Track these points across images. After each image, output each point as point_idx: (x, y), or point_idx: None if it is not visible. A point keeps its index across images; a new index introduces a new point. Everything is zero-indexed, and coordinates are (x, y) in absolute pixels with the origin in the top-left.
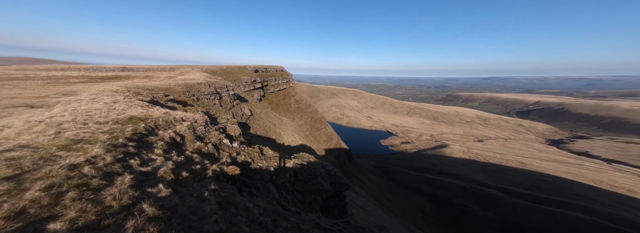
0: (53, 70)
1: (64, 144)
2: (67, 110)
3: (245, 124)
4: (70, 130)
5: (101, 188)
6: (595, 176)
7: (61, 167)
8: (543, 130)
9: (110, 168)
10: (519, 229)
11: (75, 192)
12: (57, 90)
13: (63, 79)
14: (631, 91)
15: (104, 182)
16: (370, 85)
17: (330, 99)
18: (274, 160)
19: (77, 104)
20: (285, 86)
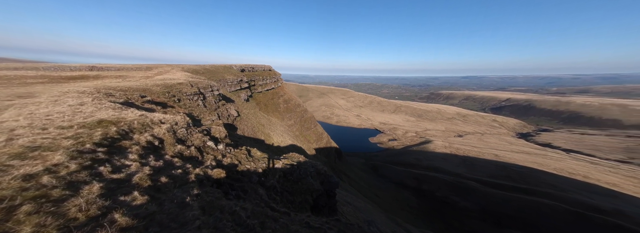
0: (4, 69)
1: (18, 152)
2: (22, 114)
3: (232, 125)
4: (25, 137)
5: (64, 199)
6: (557, 165)
7: (13, 177)
8: (513, 125)
9: (75, 177)
10: (493, 216)
11: (31, 205)
12: (9, 92)
13: (17, 79)
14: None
15: (68, 192)
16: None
17: (319, 98)
18: (263, 161)
19: (34, 107)
20: (273, 86)
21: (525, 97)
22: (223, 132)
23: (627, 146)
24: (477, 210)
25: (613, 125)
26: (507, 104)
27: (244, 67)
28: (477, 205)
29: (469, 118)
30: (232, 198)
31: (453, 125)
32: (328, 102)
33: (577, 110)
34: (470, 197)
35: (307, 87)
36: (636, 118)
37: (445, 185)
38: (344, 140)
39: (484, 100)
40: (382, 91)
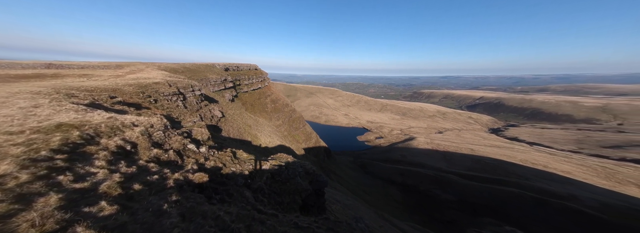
0: None
1: None
2: None
3: (216, 127)
4: None
5: (12, 214)
6: (522, 156)
7: None
8: (486, 121)
9: (26, 188)
10: (470, 206)
11: None
12: None
13: None
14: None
15: (18, 206)
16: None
17: (307, 98)
18: (249, 163)
19: None
20: (260, 85)
21: (496, 96)
22: (206, 134)
23: (577, 138)
24: (456, 201)
25: (566, 120)
26: (481, 102)
27: (228, 66)
28: (455, 196)
29: (448, 116)
30: (215, 202)
31: (434, 123)
32: (316, 102)
33: (538, 107)
34: (450, 189)
35: (295, 87)
36: (585, 113)
37: (427, 179)
38: (333, 139)
39: (461, 99)
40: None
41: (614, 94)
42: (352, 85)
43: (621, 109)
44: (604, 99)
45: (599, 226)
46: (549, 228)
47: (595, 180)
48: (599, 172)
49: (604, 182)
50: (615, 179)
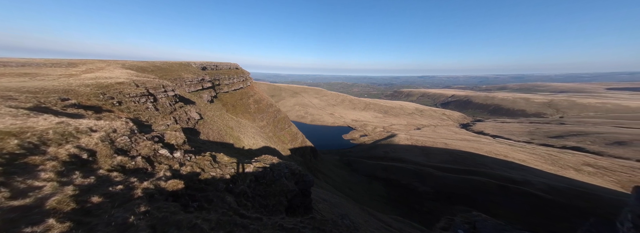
0: None
1: None
2: None
3: (194, 130)
4: None
5: None
6: (487, 148)
7: None
8: (457, 117)
9: None
10: (445, 196)
11: None
12: None
13: None
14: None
15: None
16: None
17: (292, 97)
18: (231, 166)
19: None
20: (241, 85)
21: (465, 94)
22: (180, 138)
23: (530, 130)
24: (433, 192)
25: (521, 114)
26: (452, 100)
27: (206, 65)
28: (433, 188)
29: (425, 113)
30: (193, 210)
31: (413, 120)
32: (302, 102)
33: (499, 103)
34: (428, 181)
35: (279, 87)
36: (535, 109)
37: (408, 173)
38: (319, 139)
39: (435, 97)
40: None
41: (557, 91)
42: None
43: (562, 104)
44: (549, 96)
45: (547, 205)
46: (509, 210)
47: (544, 166)
48: (546, 158)
49: (550, 167)
50: (558, 164)
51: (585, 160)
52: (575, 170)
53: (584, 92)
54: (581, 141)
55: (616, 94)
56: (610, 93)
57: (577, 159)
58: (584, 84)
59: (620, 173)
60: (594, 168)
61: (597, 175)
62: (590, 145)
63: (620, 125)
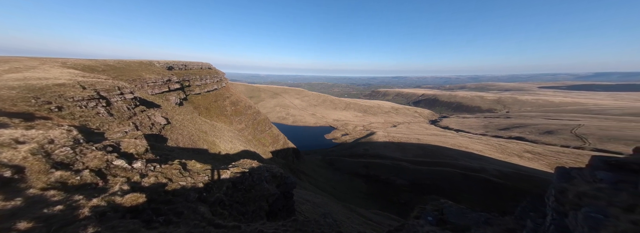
0: None
1: None
2: None
3: (160, 136)
4: None
5: None
6: (452, 141)
7: None
8: (427, 114)
9: None
10: (419, 187)
11: None
12: None
13: None
14: (463, 85)
15: None
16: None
17: (273, 98)
18: (204, 174)
19: None
20: (216, 86)
21: (433, 93)
22: (142, 146)
23: (484, 124)
24: (408, 184)
25: (477, 110)
26: (422, 98)
27: (173, 64)
28: (408, 181)
29: (400, 111)
30: (158, 226)
31: (389, 118)
32: (283, 102)
33: (460, 101)
34: (403, 175)
35: (258, 87)
36: (488, 105)
37: (386, 168)
38: (302, 139)
39: (408, 96)
40: (334, 90)
41: (503, 89)
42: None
43: (508, 101)
44: (498, 94)
45: (498, 188)
46: (470, 195)
47: (496, 155)
48: (497, 148)
49: (500, 155)
50: (506, 152)
51: (525, 148)
52: (518, 156)
53: (523, 90)
54: (522, 132)
55: (545, 91)
56: (541, 91)
57: (520, 147)
58: (522, 83)
59: (550, 157)
60: (531, 154)
61: (534, 159)
62: (528, 135)
63: (549, 117)
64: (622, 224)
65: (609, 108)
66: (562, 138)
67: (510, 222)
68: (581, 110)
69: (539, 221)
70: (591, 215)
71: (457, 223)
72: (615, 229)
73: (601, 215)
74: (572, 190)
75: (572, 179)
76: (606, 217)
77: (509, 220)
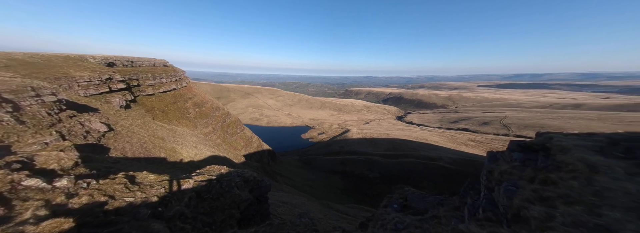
0: None
1: None
2: None
3: (99, 146)
4: None
5: None
6: (415, 135)
7: None
8: (394, 111)
9: None
10: (388, 178)
11: None
12: None
13: None
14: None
15: None
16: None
17: (244, 99)
18: (159, 186)
19: None
20: (174, 86)
21: (398, 91)
22: (69, 160)
23: (439, 118)
24: (380, 177)
25: (433, 107)
26: (390, 97)
27: (114, 60)
28: (379, 173)
29: (371, 109)
30: None
31: (362, 115)
32: (256, 103)
33: (420, 98)
34: (375, 168)
35: (227, 87)
36: (441, 102)
37: (360, 163)
38: (278, 140)
39: (378, 95)
40: (309, 89)
41: (452, 88)
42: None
43: (456, 98)
44: (448, 92)
45: (451, 174)
46: (429, 182)
47: (448, 145)
48: (449, 138)
49: (451, 144)
50: (456, 142)
51: (469, 137)
52: (465, 145)
53: (466, 89)
54: (467, 124)
55: (482, 89)
56: (479, 89)
57: (465, 137)
58: (466, 83)
59: (486, 143)
60: (474, 143)
61: (476, 147)
62: (471, 126)
63: (485, 111)
64: (526, 192)
65: (524, 102)
66: (495, 128)
67: (457, 201)
68: (506, 105)
69: (475, 197)
70: (508, 188)
71: (418, 207)
72: (522, 197)
73: (514, 187)
74: (496, 170)
75: (497, 161)
76: (517, 188)
77: (455, 200)
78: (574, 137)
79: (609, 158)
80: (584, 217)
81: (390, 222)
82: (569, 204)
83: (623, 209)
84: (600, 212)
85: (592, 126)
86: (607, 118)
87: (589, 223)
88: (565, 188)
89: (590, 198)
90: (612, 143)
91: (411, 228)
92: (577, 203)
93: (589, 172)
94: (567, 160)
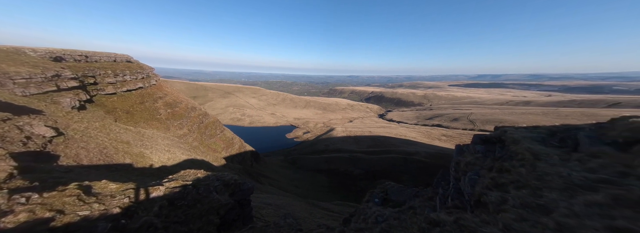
0: None
1: None
2: None
3: (45, 153)
4: None
5: None
6: (395, 131)
7: None
8: (376, 109)
9: None
10: (372, 174)
11: None
12: None
13: None
14: (400, 83)
15: None
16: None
17: (224, 98)
18: (123, 196)
19: None
20: (140, 84)
21: (379, 90)
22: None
23: (416, 116)
24: (364, 173)
25: (412, 105)
26: (372, 95)
27: (62, 54)
28: (363, 170)
29: (354, 107)
30: None
31: (346, 114)
32: (237, 102)
33: (399, 97)
34: (359, 165)
35: (204, 86)
36: (418, 100)
37: (345, 161)
38: (262, 141)
39: (361, 93)
40: (293, 88)
41: (427, 87)
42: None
43: (431, 96)
44: (424, 90)
45: (427, 167)
46: (408, 175)
47: (424, 140)
48: (425, 134)
49: (427, 140)
50: (430, 137)
51: (442, 133)
52: (438, 139)
53: (439, 88)
54: (440, 120)
55: (452, 88)
56: (450, 88)
57: (439, 132)
58: (438, 82)
59: (456, 138)
60: (446, 137)
61: (448, 141)
62: (444, 122)
63: (455, 108)
64: (486, 180)
65: (486, 100)
66: (463, 123)
67: (430, 192)
68: (472, 102)
69: (446, 187)
70: (471, 177)
71: (396, 200)
72: (482, 184)
73: (477, 176)
74: (462, 161)
75: (463, 153)
76: (479, 177)
77: (429, 191)
78: (523, 130)
79: (548, 147)
80: (529, 198)
81: (372, 216)
82: (518, 188)
83: (558, 190)
84: (541, 193)
85: (538, 120)
86: (549, 113)
87: (533, 203)
88: (516, 175)
89: (534, 182)
90: (550, 134)
91: (390, 220)
92: (525, 187)
93: (533, 159)
94: (517, 150)
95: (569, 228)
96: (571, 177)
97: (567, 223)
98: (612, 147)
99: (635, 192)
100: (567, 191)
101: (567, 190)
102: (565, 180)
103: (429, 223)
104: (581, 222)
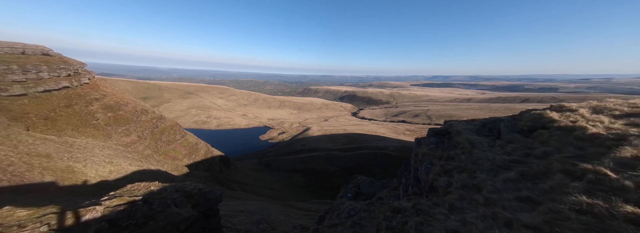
0: None
1: None
2: None
3: None
4: None
5: None
6: (367, 128)
7: None
8: (349, 108)
9: None
10: (347, 170)
11: None
12: None
13: None
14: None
15: None
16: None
17: (184, 99)
18: (38, 223)
19: None
20: (66, 83)
21: (352, 90)
22: None
23: (385, 113)
24: (339, 170)
25: (380, 103)
26: (345, 95)
27: None
28: (339, 167)
29: (329, 106)
30: None
31: (321, 113)
32: (200, 104)
33: (370, 96)
34: (335, 162)
35: (158, 85)
36: (386, 98)
37: (321, 159)
38: (232, 144)
39: (335, 93)
40: (266, 87)
41: (393, 87)
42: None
43: (396, 95)
44: (390, 90)
45: (394, 159)
46: (378, 169)
47: (392, 135)
48: (392, 130)
49: (394, 135)
50: (397, 132)
51: (406, 128)
52: (404, 134)
53: (402, 87)
54: (404, 116)
55: (413, 88)
56: (411, 87)
57: (404, 128)
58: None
59: (418, 132)
60: (410, 132)
61: (411, 135)
62: (407, 118)
63: (416, 105)
64: (437, 168)
65: (440, 98)
66: (422, 119)
67: (395, 182)
68: (429, 100)
69: (407, 177)
70: (426, 166)
71: (367, 193)
72: (434, 172)
73: (430, 165)
74: (420, 152)
75: (421, 145)
76: (432, 165)
77: (395, 181)
78: (464, 123)
79: (480, 137)
80: (467, 180)
81: (344, 211)
82: (460, 172)
83: (487, 171)
84: (475, 175)
85: (476, 114)
86: (484, 108)
87: (470, 184)
88: (458, 161)
89: (470, 166)
90: (482, 125)
91: (361, 213)
92: (464, 171)
93: (470, 147)
94: (459, 140)
95: (493, 201)
96: (495, 159)
97: (491, 198)
98: (520, 134)
99: (534, 168)
100: (492, 171)
101: (492, 171)
102: (491, 162)
103: (392, 210)
104: (500, 195)
